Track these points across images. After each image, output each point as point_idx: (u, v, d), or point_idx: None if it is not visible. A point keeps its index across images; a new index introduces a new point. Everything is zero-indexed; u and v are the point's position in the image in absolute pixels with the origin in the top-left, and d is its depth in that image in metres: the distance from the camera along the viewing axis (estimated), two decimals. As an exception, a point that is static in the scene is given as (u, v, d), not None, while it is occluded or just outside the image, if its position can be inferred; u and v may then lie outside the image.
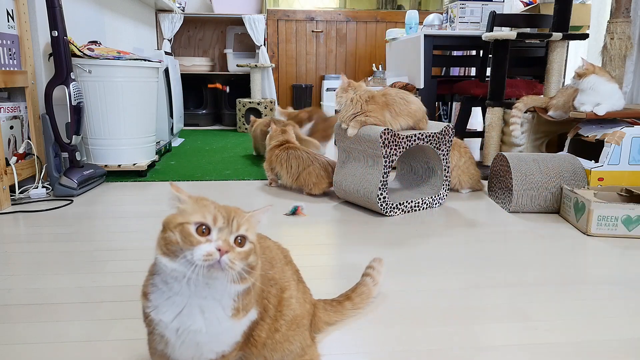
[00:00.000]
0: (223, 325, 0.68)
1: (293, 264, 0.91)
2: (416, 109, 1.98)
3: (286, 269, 0.85)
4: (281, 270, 0.83)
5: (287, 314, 0.81)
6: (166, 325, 0.67)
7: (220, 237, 0.65)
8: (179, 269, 0.64)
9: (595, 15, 3.18)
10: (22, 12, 2.12)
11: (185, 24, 4.95)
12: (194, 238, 0.64)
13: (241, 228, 0.67)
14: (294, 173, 2.22)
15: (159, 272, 0.68)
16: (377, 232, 1.73)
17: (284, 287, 0.82)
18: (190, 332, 0.67)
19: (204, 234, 0.64)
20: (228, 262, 0.63)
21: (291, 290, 0.83)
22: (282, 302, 0.81)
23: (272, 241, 0.90)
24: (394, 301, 1.19)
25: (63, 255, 1.46)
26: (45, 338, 1.01)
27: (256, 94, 4.69)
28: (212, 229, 0.65)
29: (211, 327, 0.67)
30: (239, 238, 0.66)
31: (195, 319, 0.67)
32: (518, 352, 0.98)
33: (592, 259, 1.49)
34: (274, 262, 0.83)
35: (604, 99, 2.03)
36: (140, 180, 2.51)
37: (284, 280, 0.83)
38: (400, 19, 5.03)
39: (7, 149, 2.08)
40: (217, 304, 0.67)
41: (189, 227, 0.64)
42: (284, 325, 0.81)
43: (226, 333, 0.70)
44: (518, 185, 1.94)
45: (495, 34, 2.54)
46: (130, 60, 2.48)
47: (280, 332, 0.80)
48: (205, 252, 0.62)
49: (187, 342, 0.68)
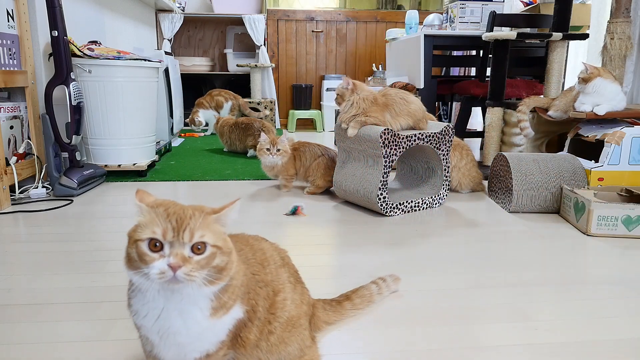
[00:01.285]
0: (203, 325, 0.69)
1: (291, 265, 0.90)
2: (416, 108, 1.98)
3: (281, 271, 0.85)
4: (275, 272, 0.83)
5: (282, 316, 0.81)
6: (148, 329, 0.69)
7: (173, 251, 0.64)
8: (144, 282, 0.65)
9: (595, 15, 3.18)
10: (22, 12, 2.12)
11: (185, 24, 4.94)
12: (148, 256, 0.64)
13: (195, 235, 0.65)
14: (304, 164, 2.28)
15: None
16: (377, 232, 1.73)
17: (277, 290, 0.82)
18: (171, 334, 0.68)
19: (156, 248, 0.64)
20: (184, 275, 0.63)
21: (286, 293, 0.83)
22: (275, 304, 0.80)
23: (269, 243, 0.89)
24: (394, 301, 1.19)
25: (63, 255, 1.46)
26: (45, 338, 1.01)
27: (256, 94, 4.69)
28: (164, 244, 0.64)
29: (191, 328, 0.68)
30: (198, 245, 0.65)
31: (173, 321, 0.67)
32: (518, 352, 0.98)
33: (592, 259, 1.49)
34: (266, 263, 0.82)
35: (607, 100, 2.03)
36: (140, 180, 2.51)
37: (278, 282, 0.82)
38: (400, 19, 5.03)
39: (7, 149, 2.08)
40: (194, 306, 0.68)
41: (142, 245, 0.64)
42: (279, 328, 0.81)
43: (207, 332, 0.70)
44: (518, 185, 1.93)
45: (495, 34, 2.54)
46: (130, 60, 2.48)
47: (275, 334, 0.80)
48: (158, 271, 0.63)
49: (169, 343, 0.69)
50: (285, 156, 2.22)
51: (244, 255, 0.80)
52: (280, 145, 2.20)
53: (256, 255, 0.82)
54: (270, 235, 1.69)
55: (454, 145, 2.24)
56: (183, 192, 2.31)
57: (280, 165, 2.23)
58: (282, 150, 2.20)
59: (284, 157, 2.22)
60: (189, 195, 2.24)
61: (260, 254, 0.83)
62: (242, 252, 0.81)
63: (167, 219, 0.65)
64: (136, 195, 0.68)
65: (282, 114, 5.19)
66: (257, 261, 0.81)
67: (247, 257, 0.81)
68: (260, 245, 0.86)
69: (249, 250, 0.83)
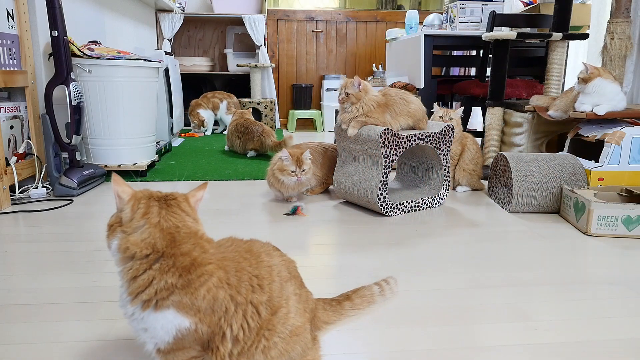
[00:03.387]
0: (140, 316, 0.74)
1: (297, 276, 0.90)
2: (416, 108, 1.98)
3: (287, 285, 0.84)
4: (279, 288, 0.82)
5: (283, 331, 0.81)
6: (124, 313, 0.77)
7: None
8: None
9: (595, 15, 3.18)
10: (22, 12, 2.12)
11: (185, 24, 4.94)
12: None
13: None
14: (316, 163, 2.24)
15: None
16: (377, 232, 1.73)
17: (278, 306, 0.81)
18: (130, 318, 0.76)
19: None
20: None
21: (289, 307, 0.82)
22: (273, 321, 0.80)
23: (279, 257, 0.87)
24: (394, 301, 1.19)
25: (63, 255, 1.46)
26: (45, 338, 1.01)
27: (256, 94, 4.69)
28: None
29: (134, 315, 0.75)
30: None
31: (126, 306, 0.76)
32: (518, 352, 0.98)
33: (592, 259, 1.49)
34: (266, 282, 0.81)
35: (607, 100, 2.03)
36: (140, 180, 2.51)
37: (280, 298, 0.82)
38: (400, 19, 5.03)
39: (7, 149, 2.08)
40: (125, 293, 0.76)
41: None
42: (280, 343, 0.81)
43: (148, 325, 0.75)
44: (518, 185, 1.94)
45: (495, 34, 2.54)
46: (130, 60, 2.48)
47: (276, 349, 0.81)
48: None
49: (135, 327, 0.77)
50: (310, 173, 2.06)
51: (237, 276, 0.79)
52: (306, 165, 2.02)
53: (257, 270, 0.81)
54: (270, 235, 1.70)
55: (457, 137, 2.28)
56: (183, 192, 2.30)
57: (306, 182, 2.07)
58: (308, 169, 2.03)
59: (308, 173, 2.04)
60: (189, 195, 2.24)
61: (265, 270, 0.82)
62: (238, 274, 0.79)
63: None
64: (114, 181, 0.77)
65: (282, 114, 5.19)
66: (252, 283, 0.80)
67: (241, 279, 0.80)
68: (270, 261, 0.84)
69: (250, 267, 0.81)
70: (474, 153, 2.31)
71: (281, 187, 2.05)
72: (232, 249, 0.84)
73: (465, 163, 2.30)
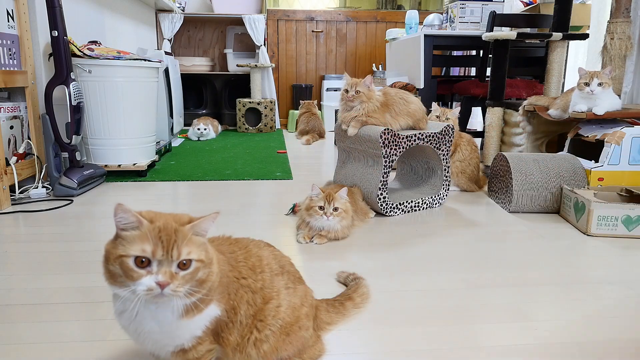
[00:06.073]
0: (174, 326, 0.71)
1: (292, 271, 0.90)
2: (416, 108, 1.98)
3: (277, 278, 0.84)
4: (269, 280, 0.83)
5: (274, 324, 0.81)
6: (126, 327, 0.73)
7: (160, 270, 0.65)
8: (129, 296, 0.66)
9: (595, 15, 3.18)
10: (22, 12, 2.12)
11: (185, 24, 4.94)
12: (135, 272, 0.65)
13: (183, 252, 0.67)
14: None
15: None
16: (377, 232, 1.73)
17: (269, 297, 0.81)
18: (146, 333, 0.71)
19: (143, 264, 0.65)
20: (171, 292, 0.65)
21: (280, 299, 0.82)
22: (265, 311, 0.80)
23: (270, 251, 0.88)
24: (394, 301, 1.19)
25: (63, 255, 1.46)
26: (45, 338, 1.01)
27: (256, 94, 4.69)
28: (152, 261, 0.66)
29: (163, 327, 0.71)
30: (184, 261, 0.67)
31: (146, 323, 0.70)
32: (518, 352, 0.98)
33: (592, 259, 1.49)
34: (259, 270, 0.82)
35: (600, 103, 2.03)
36: (140, 180, 2.51)
37: (271, 290, 0.82)
38: (400, 19, 5.02)
39: (7, 149, 2.08)
40: (167, 310, 0.70)
41: (128, 262, 0.65)
42: (272, 337, 0.81)
43: (180, 330, 0.72)
44: (518, 185, 1.93)
45: (495, 34, 2.54)
46: (130, 60, 2.48)
47: (267, 343, 0.80)
48: (146, 288, 0.65)
49: (146, 340, 0.73)
50: (346, 217, 1.60)
51: (233, 258, 0.80)
52: (338, 202, 1.56)
53: (249, 260, 0.82)
54: (270, 235, 1.70)
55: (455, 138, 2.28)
56: (183, 192, 2.31)
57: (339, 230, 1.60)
58: (342, 211, 1.57)
59: (344, 219, 1.59)
60: (189, 195, 2.24)
61: (255, 259, 0.83)
62: (233, 255, 0.81)
63: (157, 236, 0.66)
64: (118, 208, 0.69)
65: (282, 114, 5.19)
66: (248, 266, 0.81)
67: (237, 259, 0.81)
68: (259, 252, 0.85)
69: (241, 253, 0.83)
70: (466, 154, 2.30)
71: (309, 231, 1.60)
72: (219, 242, 0.85)
73: (454, 164, 2.29)
